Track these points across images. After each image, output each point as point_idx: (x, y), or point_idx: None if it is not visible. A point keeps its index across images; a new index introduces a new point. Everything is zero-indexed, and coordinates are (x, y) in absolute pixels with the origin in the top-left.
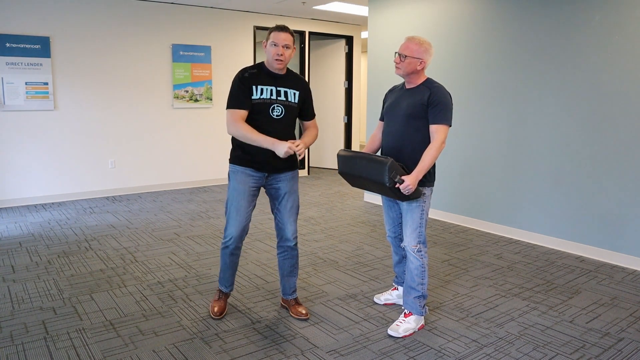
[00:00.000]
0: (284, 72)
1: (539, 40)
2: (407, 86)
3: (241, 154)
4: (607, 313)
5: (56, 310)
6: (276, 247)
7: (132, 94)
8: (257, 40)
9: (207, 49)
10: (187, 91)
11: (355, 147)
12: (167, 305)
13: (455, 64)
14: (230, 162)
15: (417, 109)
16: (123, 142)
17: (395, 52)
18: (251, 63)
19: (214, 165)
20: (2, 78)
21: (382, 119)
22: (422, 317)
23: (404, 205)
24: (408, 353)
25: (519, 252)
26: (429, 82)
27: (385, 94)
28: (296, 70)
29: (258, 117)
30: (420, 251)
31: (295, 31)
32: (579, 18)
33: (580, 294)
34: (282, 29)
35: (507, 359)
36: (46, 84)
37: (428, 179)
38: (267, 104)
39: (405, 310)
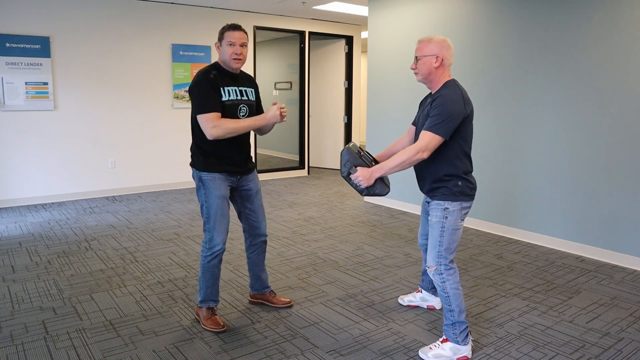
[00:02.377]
0: (238, 71)
1: (540, 40)
2: (432, 93)
3: (214, 160)
4: (607, 313)
5: (56, 310)
6: (247, 248)
7: (132, 94)
8: (257, 41)
9: (207, 49)
10: (187, 91)
11: None
12: (167, 305)
13: (455, 63)
14: (202, 170)
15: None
16: (123, 142)
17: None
18: (251, 63)
19: None
20: (2, 78)
21: (414, 123)
22: (463, 347)
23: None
24: (408, 353)
25: (519, 252)
26: (443, 87)
27: (420, 102)
28: (296, 70)
29: (228, 119)
30: (441, 274)
31: (295, 31)
32: (579, 18)
33: (580, 294)
34: (236, 27)
35: (507, 359)
36: (46, 84)
37: (452, 192)
38: (235, 105)
39: (443, 335)
